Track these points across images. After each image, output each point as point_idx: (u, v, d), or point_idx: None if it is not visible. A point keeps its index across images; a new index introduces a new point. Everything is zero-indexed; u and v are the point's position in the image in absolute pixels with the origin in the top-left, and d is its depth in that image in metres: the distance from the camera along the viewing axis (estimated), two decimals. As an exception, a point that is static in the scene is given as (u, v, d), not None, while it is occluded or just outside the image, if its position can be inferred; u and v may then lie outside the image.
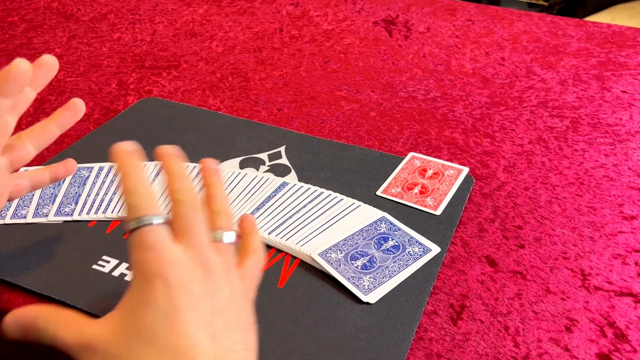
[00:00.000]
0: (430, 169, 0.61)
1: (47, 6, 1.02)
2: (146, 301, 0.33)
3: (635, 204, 0.58)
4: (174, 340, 0.32)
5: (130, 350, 0.32)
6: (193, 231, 0.36)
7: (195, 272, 0.34)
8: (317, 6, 1.02)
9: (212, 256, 0.36)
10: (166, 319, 0.32)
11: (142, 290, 0.33)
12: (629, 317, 0.46)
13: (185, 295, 0.33)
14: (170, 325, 0.32)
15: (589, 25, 0.95)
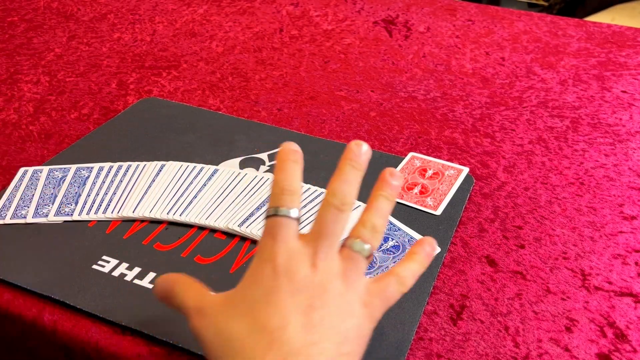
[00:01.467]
0: (430, 169, 0.61)
1: (47, 6, 1.02)
2: (254, 280, 0.36)
3: (636, 204, 0.58)
4: (265, 317, 0.34)
5: (229, 317, 0.36)
6: (323, 233, 0.38)
7: (304, 265, 0.36)
8: (317, 6, 1.02)
9: (328, 258, 0.37)
10: (265, 297, 0.35)
11: (254, 271, 0.37)
12: (629, 317, 0.46)
13: (287, 282, 0.35)
14: (266, 303, 0.35)
15: (589, 25, 0.95)
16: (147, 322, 0.45)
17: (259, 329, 0.34)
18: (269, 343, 0.34)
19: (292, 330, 0.34)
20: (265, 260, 0.37)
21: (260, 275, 0.36)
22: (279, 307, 0.35)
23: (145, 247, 0.52)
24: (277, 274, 0.36)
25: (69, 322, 0.46)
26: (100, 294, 0.47)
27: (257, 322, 0.35)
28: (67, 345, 0.46)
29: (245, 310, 0.35)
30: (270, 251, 0.37)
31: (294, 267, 0.36)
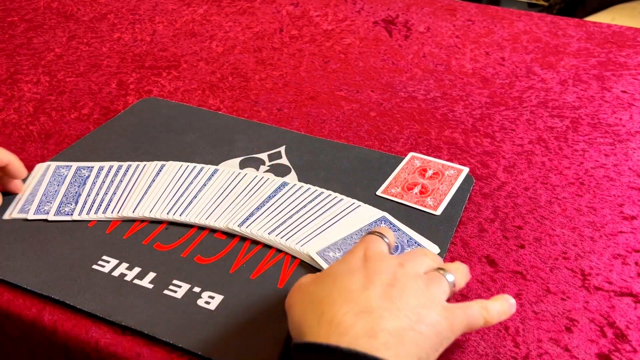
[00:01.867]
0: (430, 169, 0.61)
1: (47, 6, 1.02)
2: (344, 261, 0.42)
3: (636, 204, 0.58)
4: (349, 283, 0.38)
5: (317, 285, 0.40)
6: (407, 256, 0.42)
7: (392, 260, 0.41)
8: (317, 6, 1.02)
9: (414, 264, 0.41)
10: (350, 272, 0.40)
11: (346, 256, 0.42)
12: (629, 317, 0.46)
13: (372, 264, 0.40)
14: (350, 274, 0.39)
15: (589, 25, 0.95)
16: (147, 322, 0.45)
17: (340, 290, 0.38)
18: (347, 299, 0.37)
19: (371, 293, 0.37)
20: (358, 249, 0.42)
21: (351, 257, 0.42)
22: (361, 278, 0.39)
23: (145, 247, 0.52)
24: (367, 257, 0.41)
25: (69, 322, 0.46)
26: (100, 294, 0.47)
27: (340, 285, 0.38)
28: (67, 345, 0.46)
29: (331, 280, 0.40)
30: (365, 245, 0.43)
31: (382, 257, 0.41)
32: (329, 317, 0.36)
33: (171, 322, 0.45)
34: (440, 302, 0.39)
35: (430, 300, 0.38)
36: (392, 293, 0.37)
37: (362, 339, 0.34)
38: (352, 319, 0.35)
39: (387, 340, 0.34)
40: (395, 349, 0.34)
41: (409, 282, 0.39)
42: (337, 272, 0.40)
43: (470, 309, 0.40)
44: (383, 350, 0.34)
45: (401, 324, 0.35)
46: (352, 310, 0.36)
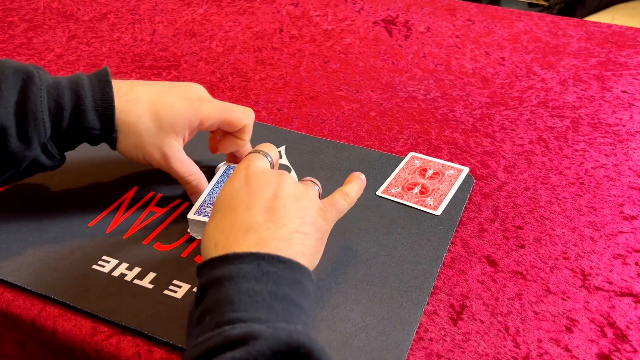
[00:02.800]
0: (430, 169, 0.61)
1: (47, 6, 1.02)
2: (227, 183, 0.46)
3: (636, 204, 0.58)
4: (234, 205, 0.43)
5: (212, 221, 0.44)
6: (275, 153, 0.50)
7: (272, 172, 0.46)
8: (317, 6, 1.02)
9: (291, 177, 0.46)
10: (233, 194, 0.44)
11: (229, 179, 0.46)
12: (629, 317, 0.46)
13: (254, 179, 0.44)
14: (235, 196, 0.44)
15: (589, 25, 0.95)
16: (147, 322, 0.45)
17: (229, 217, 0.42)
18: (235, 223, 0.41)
19: (255, 211, 0.42)
20: (240, 168, 0.46)
21: (234, 178, 0.45)
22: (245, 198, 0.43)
23: (145, 247, 0.52)
24: (248, 175, 0.45)
25: (69, 322, 0.46)
26: (100, 294, 0.47)
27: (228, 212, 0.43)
28: (67, 345, 0.46)
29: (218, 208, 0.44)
30: (247, 163, 0.46)
31: (262, 172, 0.45)
32: (222, 243, 0.41)
33: (171, 322, 0.45)
34: (317, 201, 0.45)
35: (309, 201, 0.44)
36: (277, 204, 0.42)
37: (255, 249, 0.39)
38: (242, 237, 0.40)
39: (277, 245, 0.40)
40: (285, 250, 0.40)
41: (291, 189, 0.44)
42: (222, 200, 0.44)
43: (337, 201, 0.47)
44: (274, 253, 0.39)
45: (287, 230, 0.41)
46: (241, 230, 0.41)
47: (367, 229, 0.54)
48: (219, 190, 0.53)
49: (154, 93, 0.52)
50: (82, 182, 0.59)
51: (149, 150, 0.51)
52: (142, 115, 0.50)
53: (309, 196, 0.45)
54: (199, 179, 0.54)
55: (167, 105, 0.51)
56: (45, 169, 0.51)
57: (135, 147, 0.51)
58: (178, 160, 0.53)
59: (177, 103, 0.52)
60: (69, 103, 0.48)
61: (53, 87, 0.48)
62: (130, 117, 0.50)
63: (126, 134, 0.50)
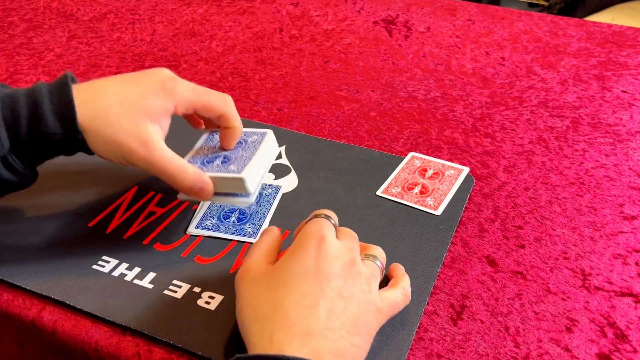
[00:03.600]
0: (430, 169, 0.61)
1: (46, 6, 1.02)
2: (297, 255, 0.41)
3: (636, 204, 0.57)
4: (300, 293, 0.39)
5: (267, 285, 0.40)
6: (350, 239, 0.44)
7: (344, 254, 0.42)
8: (317, 6, 1.02)
9: (359, 258, 0.43)
10: (304, 274, 0.40)
11: (299, 246, 0.42)
12: (630, 317, 0.46)
13: (327, 265, 0.40)
14: (304, 279, 0.40)
15: (589, 25, 0.95)
16: (147, 322, 0.45)
17: (292, 303, 0.38)
18: (296, 319, 0.38)
19: (320, 313, 0.38)
20: (311, 241, 0.42)
21: (304, 253, 0.41)
22: (313, 287, 0.39)
23: (145, 247, 0.52)
24: (319, 256, 0.41)
25: (69, 322, 0.46)
26: (100, 294, 0.47)
27: (292, 296, 0.39)
28: (67, 345, 0.46)
29: (282, 284, 0.40)
30: (314, 230, 0.42)
31: (335, 253, 0.41)
32: (274, 331, 0.37)
33: (171, 322, 0.45)
34: (376, 303, 0.42)
35: (369, 304, 0.41)
36: (339, 306, 0.39)
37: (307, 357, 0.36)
38: (301, 341, 0.37)
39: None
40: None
41: (356, 288, 0.41)
42: (290, 274, 0.40)
43: (396, 302, 0.44)
44: None
45: (342, 344, 0.38)
46: (301, 331, 0.37)
47: (367, 229, 0.54)
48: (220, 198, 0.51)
49: (120, 83, 0.48)
50: (82, 182, 0.59)
51: (124, 140, 0.45)
52: (111, 104, 0.46)
53: (370, 298, 0.41)
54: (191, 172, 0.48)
55: (136, 92, 0.47)
56: (12, 186, 0.47)
57: (109, 142, 0.45)
58: (159, 148, 0.46)
59: (148, 87, 0.47)
60: (25, 110, 0.44)
61: (8, 96, 0.45)
62: (97, 109, 0.45)
63: (96, 130, 0.45)
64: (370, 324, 0.40)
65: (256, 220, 0.53)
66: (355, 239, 0.44)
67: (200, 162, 0.51)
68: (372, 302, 0.41)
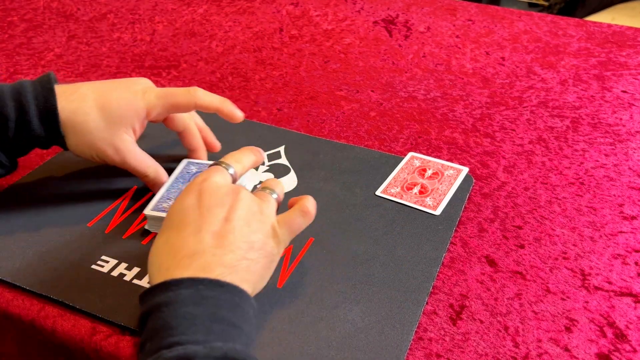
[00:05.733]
0: (429, 169, 0.61)
1: (46, 6, 1.02)
2: (181, 197, 0.44)
3: (636, 204, 0.57)
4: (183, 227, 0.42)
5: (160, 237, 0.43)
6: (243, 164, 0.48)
7: (225, 186, 0.44)
8: (317, 6, 1.02)
9: (246, 190, 0.45)
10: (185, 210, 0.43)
11: (185, 191, 0.44)
12: (629, 317, 0.46)
13: (207, 197, 0.43)
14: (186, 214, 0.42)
15: (589, 25, 0.95)
16: (147, 322, 0.45)
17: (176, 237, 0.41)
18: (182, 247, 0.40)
19: (204, 236, 0.41)
20: (195, 182, 0.45)
21: (186, 193, 0.44)
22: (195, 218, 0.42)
23: (145, 247, 0.52)
24: (201, 191, 0.43)
25: (69, 322, 0.46)
26: (100, 294, 0.47)
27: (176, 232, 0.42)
28: (67, 345, 0.46)
29: (168, 227, 0.43)
30: (204, 176, 0.45)
31: (216, 188, 0.44)
32: (166, 266, 0.40)
33: (170, 322, 0.45)
34: (271, 222, 0.44)
35: (262, 223, 0.43)
36: (226, 229, 0.41)
37: (199, 274, 0.39)
38: (187, 263, 0.39)
39: (222, 272, 0.39)
40: (229, 277, 0.39)
41: (243, 211, 0.43)
42: (173, 216, 0.43)
43: (293, 220, 0.45)
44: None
45: (234, 256, 0.40)
46: (186, 255, 0.40)
47: (367, 229, 0.54)
48: (177, 186, 0.55)
49: (100, 90, 0.52)
50: (82, 182, 0.59)
51: (101, 147, 0.52)
52: (90, 112, 0.51)
53: (262, 218, 0.44)
54: (157, 171, 0.55)
55: (113, 99, 0.52)
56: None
57: (87, 146, 0.52)
58: (132, 154, 0.53)
59: (123, 95, 0.52)
60: (13, 114, 0.49)
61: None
62: (78, 116, 0.51)
63: (76, 133, 0.51)
64: (266, 242, 0.43)
65: None
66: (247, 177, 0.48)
67: (174, 199, 0.52)
68: (265, 222, 0.43)
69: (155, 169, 0.55)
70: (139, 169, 0.54)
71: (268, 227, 0.43)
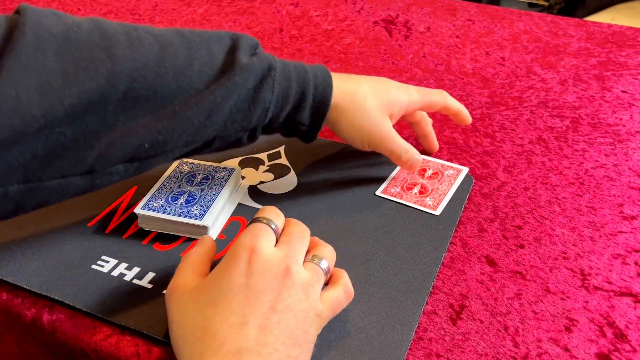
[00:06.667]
0: (429, 169, 0.61)
1: (46, 6, 1.02)
2: (226, 272, 0.40)
3: (635, 204, 0.57)
4: (228, 311, 0.38)
5: (195, 304, 0.39)
6: (292, 243, 0.42)
7: (276, 266, 0.40)
8: (317, 6, 1.02)
9: (297, 265, 0.41)
10: (231, 291, 0.39)
11: (229, 262, 0.40)
12: (629, 317, 0.46)
13: (256, 280, 0.39)
14: (232, 296, 0.38)
15: (589, 25, 0.95)
16: (147, 322, 0.45)
17: (220, 322, 0.38)
18: (225, 338, 0.37)
19: (250, 331, 0.37)
20: (242, 252, 0.40)
21: (234, 268, 0.40)
22: (242, 306, 0.38)
23: (145, 247, 0.52)
24: (251, 271, 0.39)
25: (69, 322, 0.46)
26: (100, 294, 0.47)
27: (220, 314, 0.38)
28: (67, 345, 0.46)
29: (211, 302, 0.39)
30: (250, 245, 0.41)
31: (266, 267, 0.40)
32: (203, 352, 0.37)
33: (170, 322, 0.45)
34: (315, 309, 0.40)
35: (307, 312, 0.40)
36: (272, 321, 0.38)
37: None
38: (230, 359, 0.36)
39: None
40: None
41: (291, 299, 0.39)
42: (218, 291, 0.39)
43: (338, 304, 0.43)
44: None
45: (276, 357, 0.37)
46: (231, 350, 0.36)
47: (367, 229, 0.54)
48: (169, 185, 0.55)
49: (370, 80, 0.56)
50: (82, 182, 0.59)
51: (370, 129, 0.54)
52: (367, 95, 0.54)
53: (308, 305, 0.40)
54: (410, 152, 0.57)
55: (386, 89, 0.56)
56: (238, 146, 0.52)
57: (361, 130, 0.54)
58: (396, 138, 0.56)
59: (393, 87, 0.57)
60: (294, 98, 0.50)
61: (285, 77, 0.50)
62: (357, 97, 0.54)
63: (350, 119, 0.54)
64: (308, 331, 0.39)
65: (204, 203, 0.53)
66: (298, 241, 0.43)
67: (165, 198, 0.53)
68: (310, 310, 0.40)
69: (410, 149, 0.57)
70: (397, 151, 0.56)
71: (313, 314, 0.40)
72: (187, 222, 0.51)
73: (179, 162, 0.58)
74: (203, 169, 0.57)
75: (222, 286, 0.39)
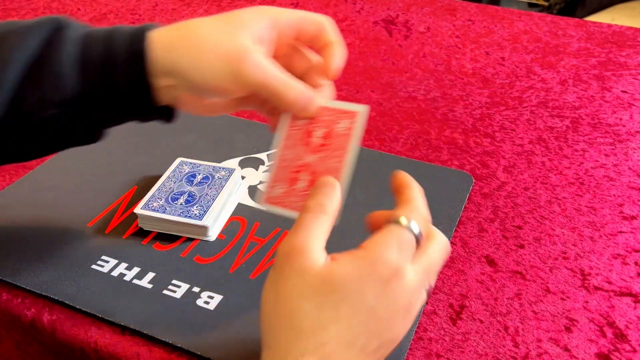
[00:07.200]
0: (318, 128, 0.43)
1: (46, 6, 1.02)
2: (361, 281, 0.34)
3: (635, 204, 0.57)
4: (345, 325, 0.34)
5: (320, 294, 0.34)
6: (431, 275, 0.37)
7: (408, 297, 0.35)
8: (317, 6, 1.02)
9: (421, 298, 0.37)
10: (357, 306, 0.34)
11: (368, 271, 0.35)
12: (629, 317, 0.46)
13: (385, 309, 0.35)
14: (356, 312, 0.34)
15: (589, 25, 0.95)
16: (147, 322, 0.45)
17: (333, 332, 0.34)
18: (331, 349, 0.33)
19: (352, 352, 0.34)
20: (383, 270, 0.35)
21: (371, 283, 0.35)
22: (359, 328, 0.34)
23: (145, 247, 0.52)
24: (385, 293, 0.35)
25: (69, 322, 0.46)
26: (100, 294, 0.47)
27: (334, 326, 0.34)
28: (67, 345, 0.46)
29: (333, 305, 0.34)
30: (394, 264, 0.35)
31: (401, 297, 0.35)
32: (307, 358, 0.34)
33: (170, 322, 0.45)
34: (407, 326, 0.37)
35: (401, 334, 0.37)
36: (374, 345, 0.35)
37: None
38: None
39: None
40: None
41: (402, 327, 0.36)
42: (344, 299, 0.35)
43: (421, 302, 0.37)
44: None
45: None
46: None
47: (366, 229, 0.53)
48: (169, 185, 0.55)
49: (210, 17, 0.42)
50: (82, 181, 0.59)
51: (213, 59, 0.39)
52: (202, 21, 0.41)
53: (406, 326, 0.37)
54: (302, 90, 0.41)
55: (236, 12, 0.41)
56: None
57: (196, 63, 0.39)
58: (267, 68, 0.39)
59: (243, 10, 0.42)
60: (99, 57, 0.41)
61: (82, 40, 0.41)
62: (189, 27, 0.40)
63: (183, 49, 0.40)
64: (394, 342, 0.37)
65: (204, 203, 0.53)
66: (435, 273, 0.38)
67: (165, 198, 0.54)
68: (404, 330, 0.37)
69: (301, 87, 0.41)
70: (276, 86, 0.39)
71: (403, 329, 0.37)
72: (187, 222, 0.51)
73: (179, 160, 0.58)
74: (203, 169, 0.57)
75: (350, 297, 0.35)
